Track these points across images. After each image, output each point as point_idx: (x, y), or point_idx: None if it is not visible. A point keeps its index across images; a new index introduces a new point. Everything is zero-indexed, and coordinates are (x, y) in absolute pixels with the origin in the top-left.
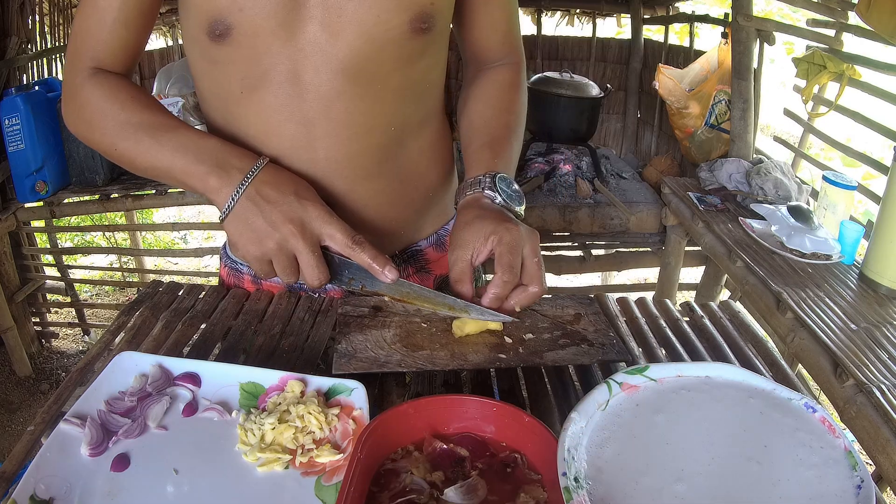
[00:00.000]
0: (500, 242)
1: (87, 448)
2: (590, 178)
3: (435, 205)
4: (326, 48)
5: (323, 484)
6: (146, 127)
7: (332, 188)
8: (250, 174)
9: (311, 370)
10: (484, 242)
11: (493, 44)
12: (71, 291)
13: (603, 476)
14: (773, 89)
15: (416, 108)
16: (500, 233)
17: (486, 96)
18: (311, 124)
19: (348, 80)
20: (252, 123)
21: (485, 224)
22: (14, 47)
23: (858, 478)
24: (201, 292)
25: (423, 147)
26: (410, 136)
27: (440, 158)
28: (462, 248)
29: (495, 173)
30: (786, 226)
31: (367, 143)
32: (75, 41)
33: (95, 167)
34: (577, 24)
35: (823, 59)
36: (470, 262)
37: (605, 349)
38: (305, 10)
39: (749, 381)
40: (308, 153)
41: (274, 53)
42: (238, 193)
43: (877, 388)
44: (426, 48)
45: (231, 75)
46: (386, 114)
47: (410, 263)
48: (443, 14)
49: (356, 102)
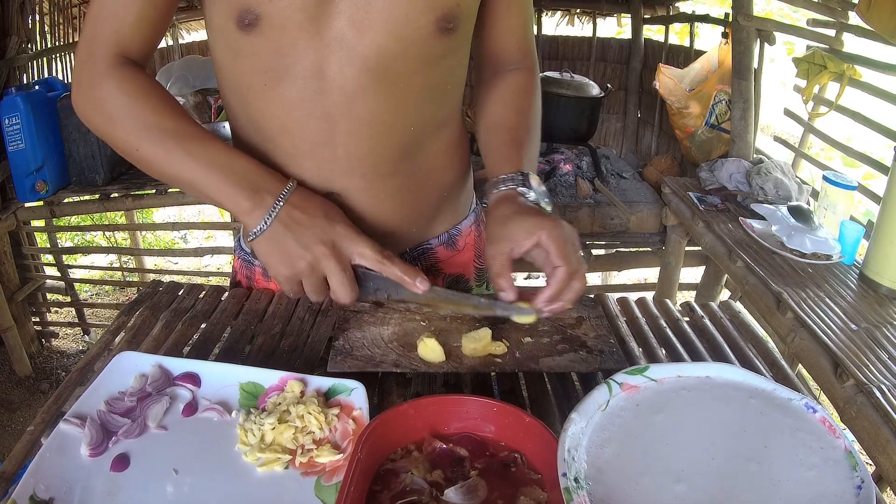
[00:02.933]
0: (550, 237)
1: (86, 448)
2: (590, 177)
3: (449, 204)
4: (352, 44)
5: (323, 484)
6: (175, 135)
7: (349, 185)
8: (282, 197)
9: (310, 370)
10: (527, 237)
11: (509, 48)
12: (71, 291)
13: (603, 476)
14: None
15: (437, 109)
16: (546, 227)
17: (504, 99)
18: (333, 121)
19: (372, 78)
20: (273, 116)
21: (526, 219)
22: (14, 47)
23: (859, 478)
24: (201, 292)
25: (441, 147)
26: (430, 137)
27: (457, 159)
28: (502, 242)
29: (525, 172)
30: (786, 226)
31: (387, 142)
32: (94, 23)
33: (95, 167)
34: (577, 23)
35: (824, 59)
36: (509, 256)
37: (604, 357)
38: (333, 4)
39: (749, 381)
40: (328, 150)
41: (300, 47)
42: (271, 217)
43: (877, 388)
44: (449, 49)
45: (255, 67)
46: (408, 113)
47: (420, 262)
48: (468, 16)
49: (379, 101)
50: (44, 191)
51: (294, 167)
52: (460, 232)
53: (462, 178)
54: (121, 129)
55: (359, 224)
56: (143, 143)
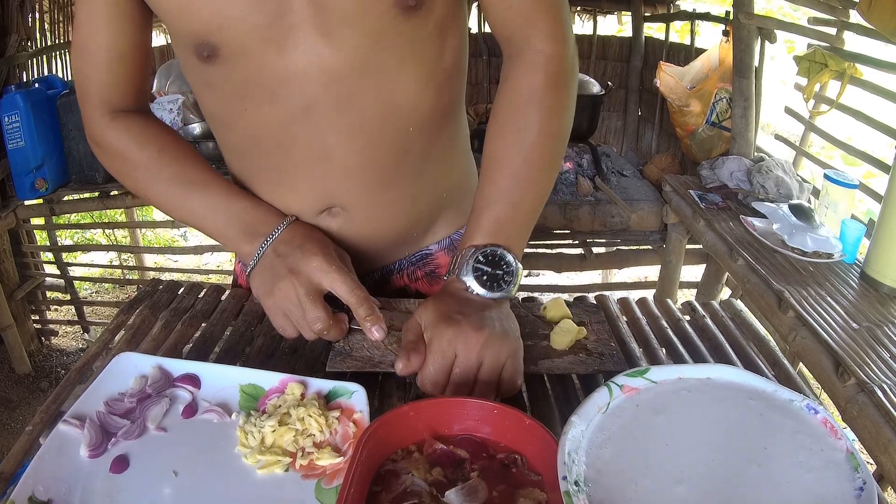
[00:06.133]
0: (457, 359)
1: (86, 449)
2: (590, 175)
3: (451, 208)
4: (323, 50)
5: (323, 487)
6: (177, 182)
7: (347, 198)
8: (272, 236)
9: (311, 372)
10: (444, 351)
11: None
12: (70, 289)
13: (603, 478)
14: (774, 87)
15: (434, 105)
16: (456, 344)
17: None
18: (323, 134)
19: (356, 80)
20: (261, 138)
21: (447, 330)
22: (14, 45)
23: (860, 479)
24: (201, 291)
25: (441, 148)
26: (429, 138)
27: (458, 159)
28: (429, 330)
29: (485, 246)
30: (787, 224)
31: (382, 149)
32: (80, 86)
33: (95, 164)
34: (577, 21)
35: (825, 57)
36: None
37: (604, 359)
38: (291, 15)
39: (749, 382)
40: (322, 164)
41: (270, 67)
42: (258, 255)
43: (878, 387)
44: (425, 32)
45: (231, 95)
46: (402, 115)
47: (420, 267)
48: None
49: (367, 103)
50: (43, 188)
51: (289, 185)
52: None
53: (465, 181)
54: (130, 180)
55: (360, 236)
56: (150, 193)
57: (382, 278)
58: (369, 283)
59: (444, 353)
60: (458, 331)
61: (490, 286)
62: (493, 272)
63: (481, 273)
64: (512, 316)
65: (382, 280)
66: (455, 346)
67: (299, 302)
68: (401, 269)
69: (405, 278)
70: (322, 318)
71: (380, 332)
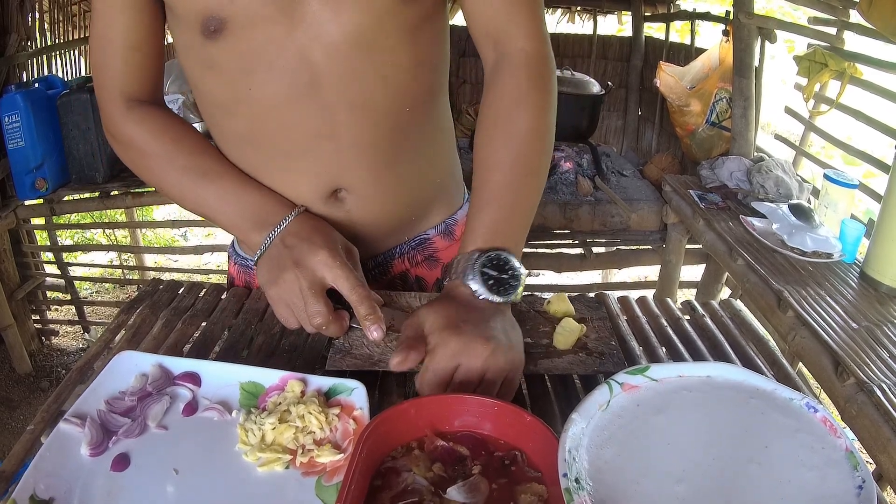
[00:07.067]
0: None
1: (87, 448)
2: (590, 175)
3: (444, 192)
4: (330, 26)
5: (323, 484)
6: (191, 172)
7: (355, 178)
8: (280, 225)
9: (311, 370)
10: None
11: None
12: (71, 289)
13: (603, 477)
14: (774, 87)
15: (426, 87)
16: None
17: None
18: (332, 111)
19: (360, 57)
20: (269, 119)
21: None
22: (14, 44)
23: (860, 478)
24: (201, 290)
25: (432, 130)
26: (423, 119)
27: (447, 144)
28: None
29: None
30: (787, 224)
31: (387, 126)
32: (97, 77)
33: (95, 164)
34: (577, 21)
35: (825, 57)
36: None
37: (604, 359)
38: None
39: (750, 381)
40: (331, 142)
41: (277, 41)
42: (266, 245)
43: (877, 386)
44: (423, 18)
45: (235, 74)
46: (400, 95)
47: (419, 251)
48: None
49: (370, 82)
50: (44, 188)
51: (296, 169)
52: (457, 222)
53: (454, 167)
54: (146, 171)
55: (365, 221)
56: (165, 183)
57: (384, 262)
58: (371, 268)
59: (448, 362)
60: (465, 341)
61: (498, 291)
62: (499, 276)
63: (488, 277)
64: (516, 324)
65: (384, 263)
66: (459, 358)
67: (301, 294)
68: (402, 253)
69: (406, 262)
70: (322, 312)
71: (378, 332)
